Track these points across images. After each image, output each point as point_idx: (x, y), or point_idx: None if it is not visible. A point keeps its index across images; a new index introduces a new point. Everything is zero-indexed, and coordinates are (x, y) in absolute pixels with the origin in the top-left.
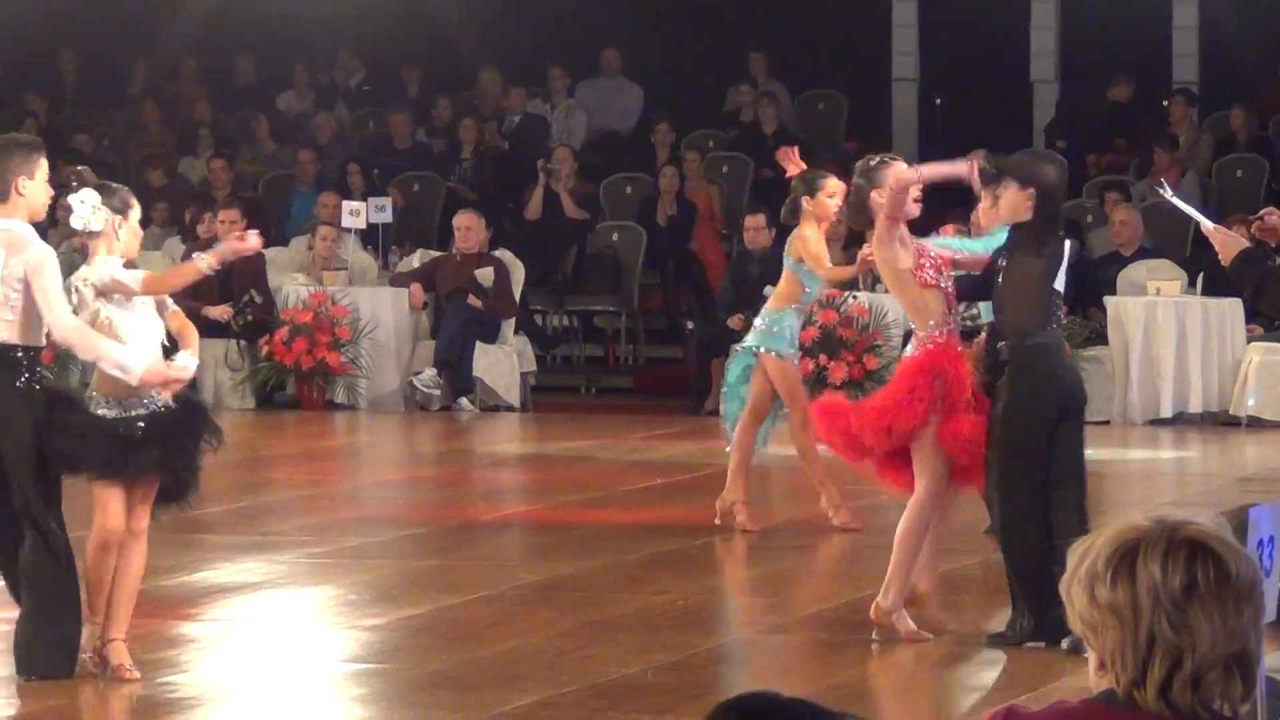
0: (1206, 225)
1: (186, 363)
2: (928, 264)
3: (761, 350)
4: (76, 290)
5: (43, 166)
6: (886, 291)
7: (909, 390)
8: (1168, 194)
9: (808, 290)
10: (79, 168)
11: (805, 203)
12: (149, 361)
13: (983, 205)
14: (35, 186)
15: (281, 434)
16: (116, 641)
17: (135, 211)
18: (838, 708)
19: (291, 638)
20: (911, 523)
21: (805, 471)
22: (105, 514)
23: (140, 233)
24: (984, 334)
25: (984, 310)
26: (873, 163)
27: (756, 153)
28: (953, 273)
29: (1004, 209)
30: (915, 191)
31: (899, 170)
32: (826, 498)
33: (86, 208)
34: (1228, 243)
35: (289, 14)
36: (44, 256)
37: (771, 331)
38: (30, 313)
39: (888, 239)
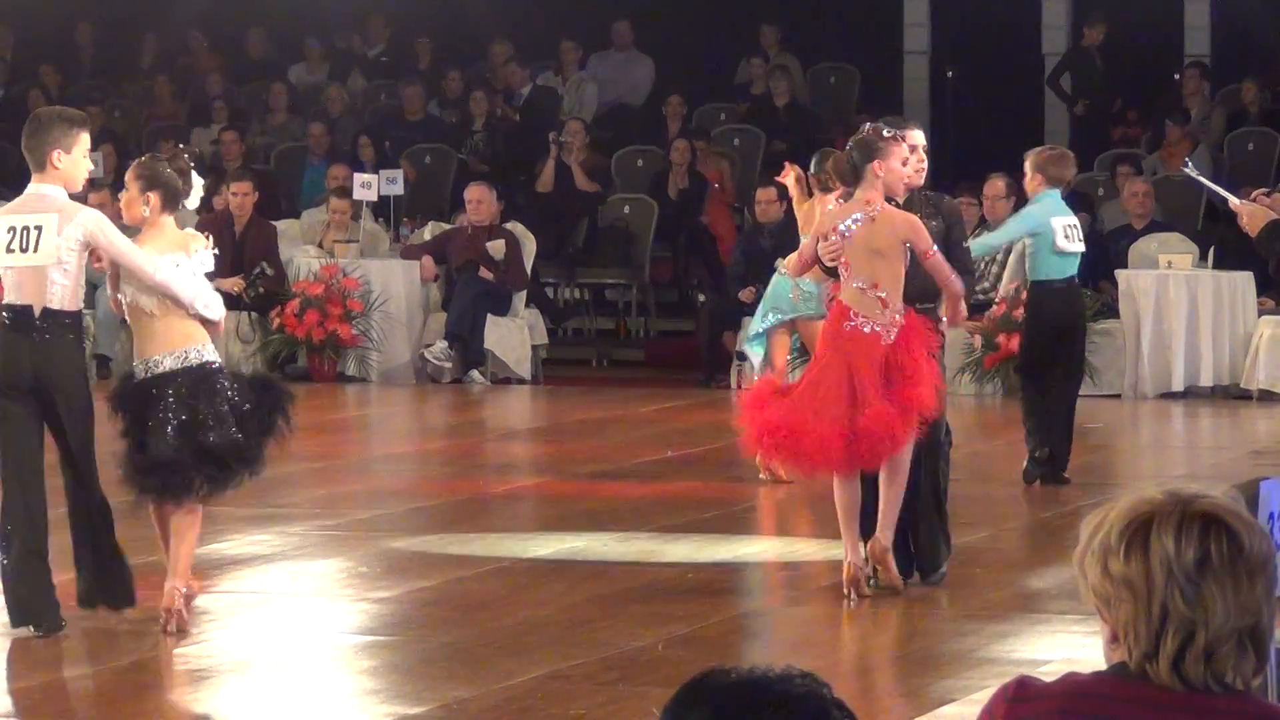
0: (1234, 201)
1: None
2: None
3: None
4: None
5: (82, 142)
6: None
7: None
8: (1193, 172)
9: None
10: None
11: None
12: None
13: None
14: (71, 160)
15: (292, 406)
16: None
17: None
18: (809, 671)
19: (302, 610)
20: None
21: None
22: None
23: None
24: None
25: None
26: (886, 134)
27: (768, 126)
28: None
29: None
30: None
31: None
32: None
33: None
34: (1256, 214)
35: None
36: (99, 216)
37: None
38: (78, 280)
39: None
